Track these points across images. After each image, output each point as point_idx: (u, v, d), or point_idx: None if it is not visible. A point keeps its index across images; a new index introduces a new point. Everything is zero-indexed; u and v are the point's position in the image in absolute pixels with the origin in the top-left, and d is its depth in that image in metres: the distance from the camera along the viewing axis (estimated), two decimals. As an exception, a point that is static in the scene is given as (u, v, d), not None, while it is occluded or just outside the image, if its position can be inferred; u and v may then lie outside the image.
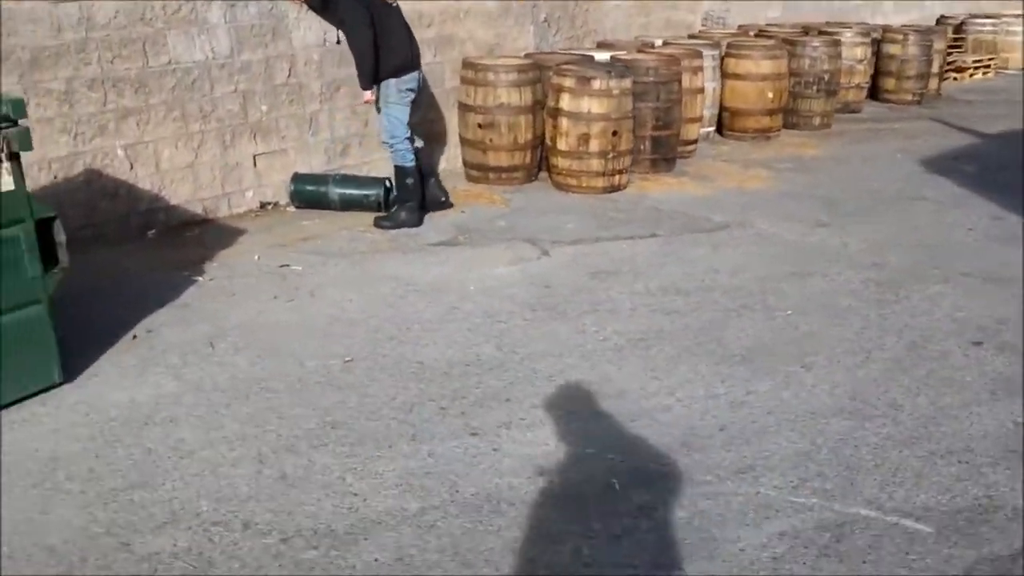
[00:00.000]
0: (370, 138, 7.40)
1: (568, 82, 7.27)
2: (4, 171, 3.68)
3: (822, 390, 4.10)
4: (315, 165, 7.04)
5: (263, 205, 6.80)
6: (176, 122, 6.18)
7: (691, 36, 10.75)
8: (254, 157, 6.68)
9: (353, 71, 6.96)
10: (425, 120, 7.73)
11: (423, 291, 5.30)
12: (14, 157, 3.70)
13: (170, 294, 5.18)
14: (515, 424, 3.80)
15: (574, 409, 3.92)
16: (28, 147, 3.73)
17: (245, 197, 6.71)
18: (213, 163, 6.44)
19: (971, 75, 14.82)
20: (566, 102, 7.30)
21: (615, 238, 6.28)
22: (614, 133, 7.33)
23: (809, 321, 4.85)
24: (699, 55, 8.73)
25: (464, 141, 7.74)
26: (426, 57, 7.55)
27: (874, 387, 4.13)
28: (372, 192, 6.74)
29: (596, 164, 7.38)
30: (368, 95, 6.19)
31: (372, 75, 6.10)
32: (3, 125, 3.63)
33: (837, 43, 10.39)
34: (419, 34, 7.45)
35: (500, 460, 3.53)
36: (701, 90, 8.77)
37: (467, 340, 4.63)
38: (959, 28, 15.24)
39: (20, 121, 3.71)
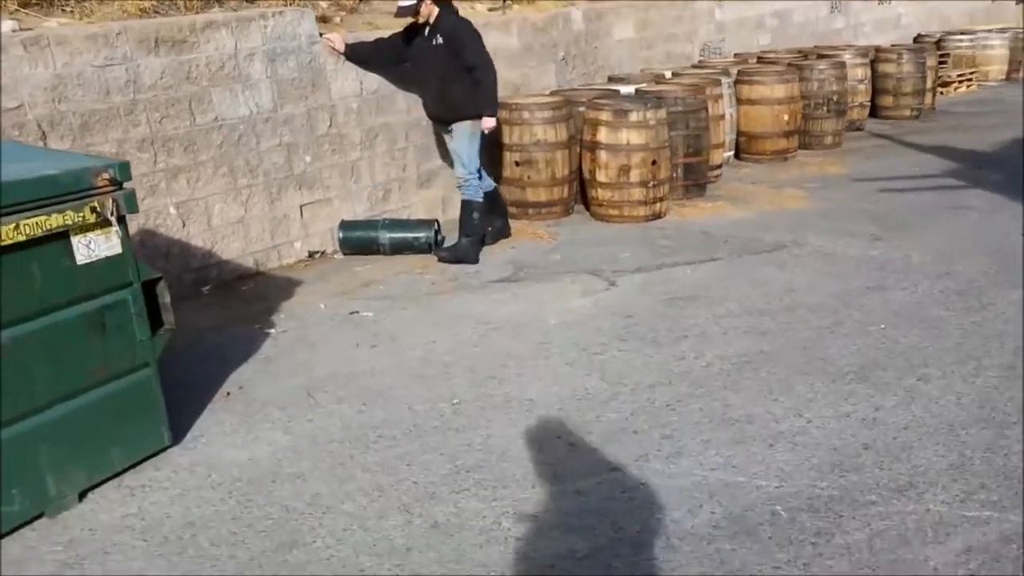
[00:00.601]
0: (408, 182, 7.34)
1: (605, 116, 7.27)
2: (114, 234, 3.56)
3: (949, 401, 4.04)
4: (358, 212, 6.94)
5: (311, 254, 6.68)
6: (225, 178, 6.07)
7: (694, 66, 10.83)
8: (300, 208, 6.58)
9: (388, 118, 7.01)
10: (459, 162, 7.69)
11: (504, 328, 5.20)
12: (121, 220, 3.58)
13: (248, 348, 5.05)
14: (652, 456, 3.69)
15: (708, 437, 3.82)
16: (134, 209, 3.62)
17: (293, 248, 6.59)
18: (262, 216, 6.32)
19: (956, 89, 15.07)
20: (603, 135, 7.28)
21: (675, 264, 6.23)
22: (653, 162, 7.32)
23: (906, 334, 4.80)
24: (718, 83, 8.78)
25: (500, 179, 7.68)
26: (458, 99, 7.54)
27: (997, 395, 4.08)
28: (422, 234, 6.66)
29: (637, 193, 7.36)
30: (493, 122, 6.42)
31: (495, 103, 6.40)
32: (111, 188, 3.52)
33: (843, 65, 10.52)
34: (450, 76, 7.46)
35: (652, 494, 3.42)
36: (722, 116, 8.82)
37: (569, 374, 4.53)
38: (938, 45, 15.50)
39: (125, 184, 3.59)
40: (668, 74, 9.66)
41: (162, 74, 5.68)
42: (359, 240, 6.68)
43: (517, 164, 7.49)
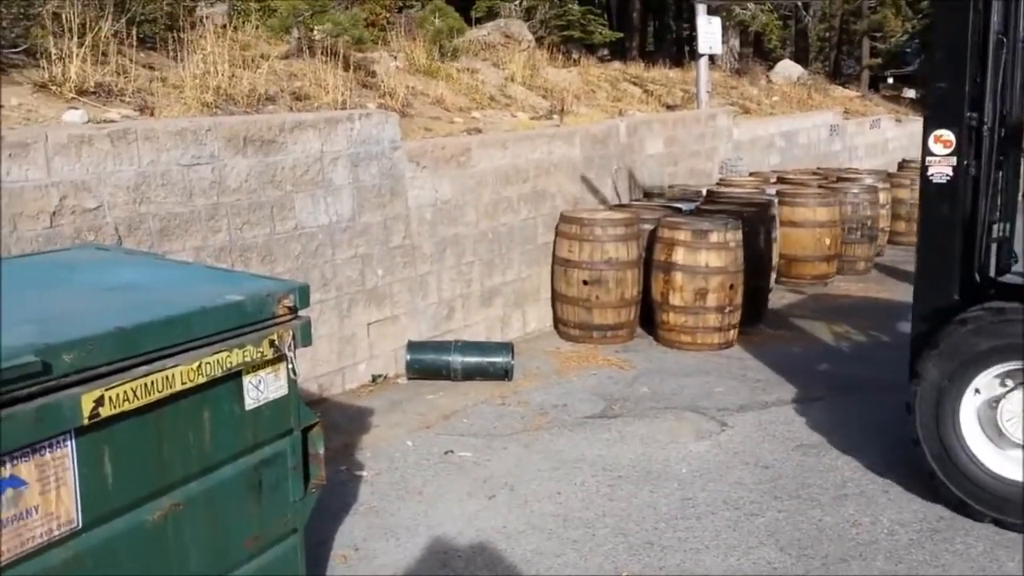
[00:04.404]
0: (472, 300, 6.83)
1: (682, 235, 6.91)
2: (283, 372, 2.97)
3: None
4: (423, 331, 6.39)
5: (374, 378, 6.08)
6: (299, 292, 5.48)
7: (719, 183, 10.66)
8: (368, 326, 6.01)
9: (458, 229, 6.55)
10: (518, 278, 7.24)
11: (631, 477, 4.66)
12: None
13: (344, 495, 4.41)
14: (895, 655, 3.15)
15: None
16: (309, 341, 3.06)
17: (358, 370, 5.99)
18: (331, 335, 5.74)
19: (947, 215, 15.21)
20: (680, 256, 6.92)
21: (779, 402, 5.79)
22: (731, 286, 6.96)
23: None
24: (773, 204, 8.55)
25: (563, 298, 7.23)
26: (521, 213, 7.17)
27: None
28: (499, 359, 6.13)
29: (712, 319, 6.97)
30: None
31: None
32: (291, 317, 2.95)
33: (875, 189, 10.45)
34: (516, 189, 7.09)
35: None
36: (776, 239, 8.56)
37: (738, 542, 3.99)
38: (926, 172, 15.75)
39: (302, 311, 3.03)
40: (703, 191, 9.42)
41: (247, 176, 5.16)
42: (430, 364, 6.10)
43: (585, 283, 7.05)
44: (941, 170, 4.48)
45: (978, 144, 4.47)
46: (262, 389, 2.90)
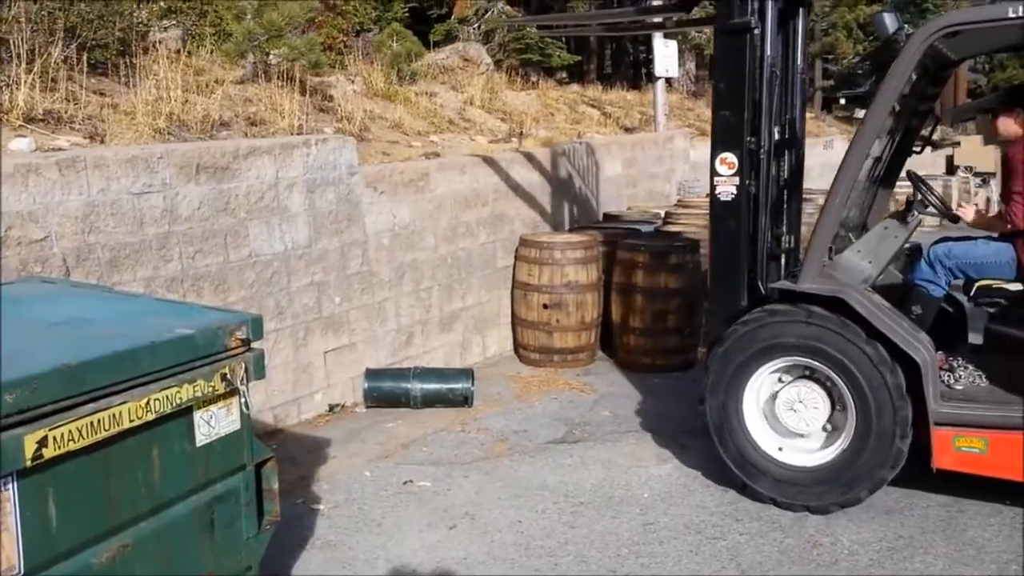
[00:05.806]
0: (431, 325, 6.78)
1: (642, 257, 6.93)
2: (236, 406, 2.91)
3: None
4: (381, 359, 6.33)
5: (331, 408, 6.00)
6: (255, 320, 5.40)
7: (677, 204, 10.73)
8: (324, 355, 5.93)
9: (416, 255, 6.51)
10: (477, 303, 7.21)
11: (592, 503, 4.63)
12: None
13: (300, 529, 4.33)
14: None
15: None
16: (262, 374, 3.00)
17: (314, 400, 5.90)
18: (286, 365, 5.65)
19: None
20: (640, 278, 6.93)
21: (740, 425, 5.79)
22: (690, 308, 6.98)
23: (1044, 514, 4.44)
24: (729, 225, 8.60)
25: (524, 322, 7.21)
26: (480, 237, 7.15)
27: None
28: (459, 385, 6.08)
29: (673, 341, 6.98)
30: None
31: None
32: (243, 349, 2.89)
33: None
34: (475, 214, 7.07)
35: None
36: (733, 260, 8.61)
37: (700, 566, 3.98)
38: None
39: (255, 343, 2.98)
40: (662, 213, 9.47)
41: (200, 204, 5.08)
42: (388, 392, 6.04)
43: (545, 307, 7.03)
44: (726, 189, 4.90)
45: (757, 166, 4.83)
46: (213, 424, 2.84)
